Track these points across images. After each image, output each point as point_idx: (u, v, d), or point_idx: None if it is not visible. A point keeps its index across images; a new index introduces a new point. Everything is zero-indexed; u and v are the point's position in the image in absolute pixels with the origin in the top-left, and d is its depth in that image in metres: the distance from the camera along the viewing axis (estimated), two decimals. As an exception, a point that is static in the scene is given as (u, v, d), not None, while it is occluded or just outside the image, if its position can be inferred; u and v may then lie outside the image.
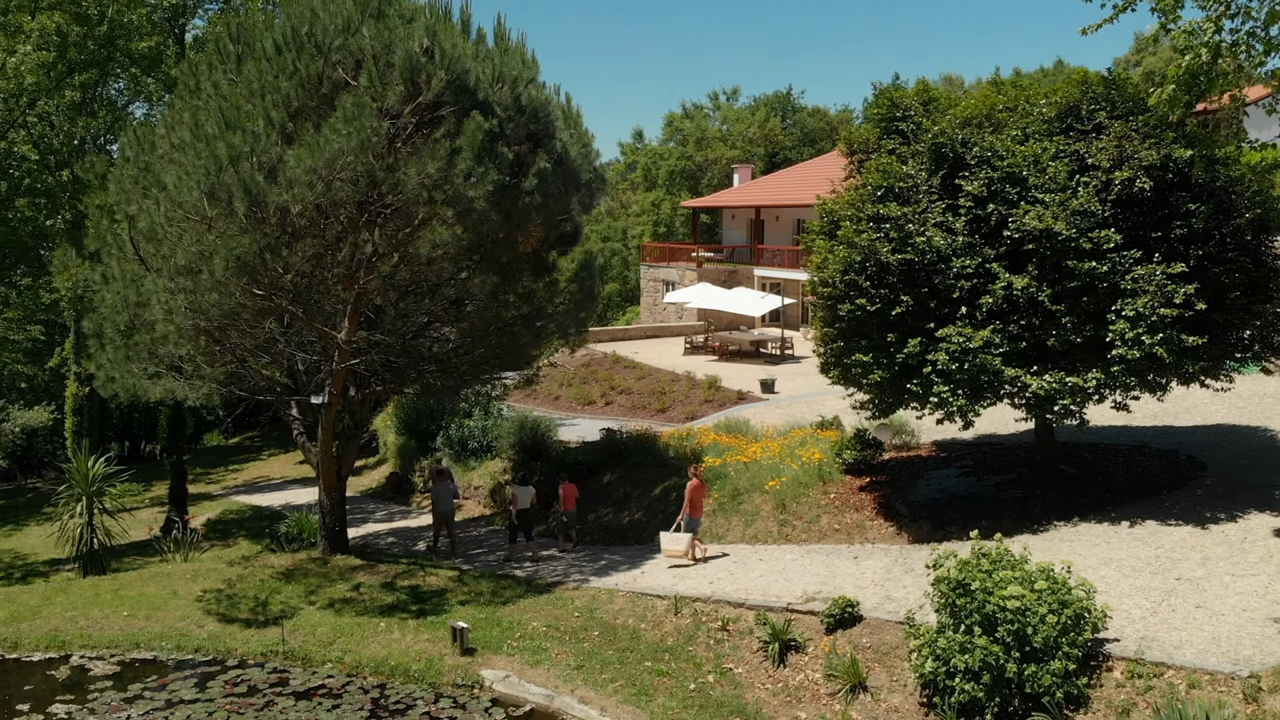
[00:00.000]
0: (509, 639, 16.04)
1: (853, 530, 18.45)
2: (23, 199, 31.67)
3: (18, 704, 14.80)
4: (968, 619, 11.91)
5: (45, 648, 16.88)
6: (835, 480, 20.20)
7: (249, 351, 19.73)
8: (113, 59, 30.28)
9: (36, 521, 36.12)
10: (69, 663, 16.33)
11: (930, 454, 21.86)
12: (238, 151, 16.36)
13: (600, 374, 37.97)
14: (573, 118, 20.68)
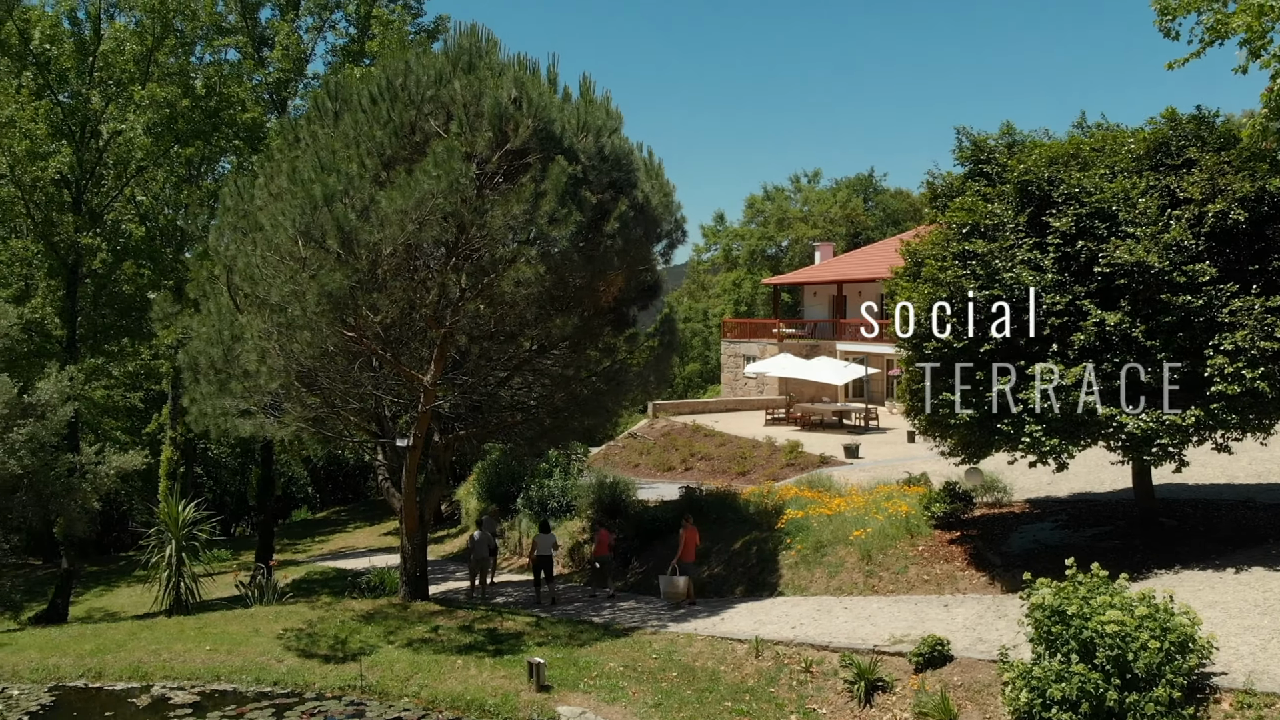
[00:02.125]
0: (585, 677, 15.73)
1: (942, 580, 17.86)
2: (129, 263, 33.12)
3: (100, 728, 14.96)
4: (1064, 646, 11.34)
5: (128, 678, 17.08)
6: (923, 534, 19.64)
7: (337, 395, 20.14)
8: (218, 130, 31.83)
9: (127, 584, 36.98)
10: (150, 692, 16.47)
11: (1023, 510, 21.17)
12: (332, 191, 16.96)
13: (679, 442, 37.83)
14: (654, 169, 21.02)
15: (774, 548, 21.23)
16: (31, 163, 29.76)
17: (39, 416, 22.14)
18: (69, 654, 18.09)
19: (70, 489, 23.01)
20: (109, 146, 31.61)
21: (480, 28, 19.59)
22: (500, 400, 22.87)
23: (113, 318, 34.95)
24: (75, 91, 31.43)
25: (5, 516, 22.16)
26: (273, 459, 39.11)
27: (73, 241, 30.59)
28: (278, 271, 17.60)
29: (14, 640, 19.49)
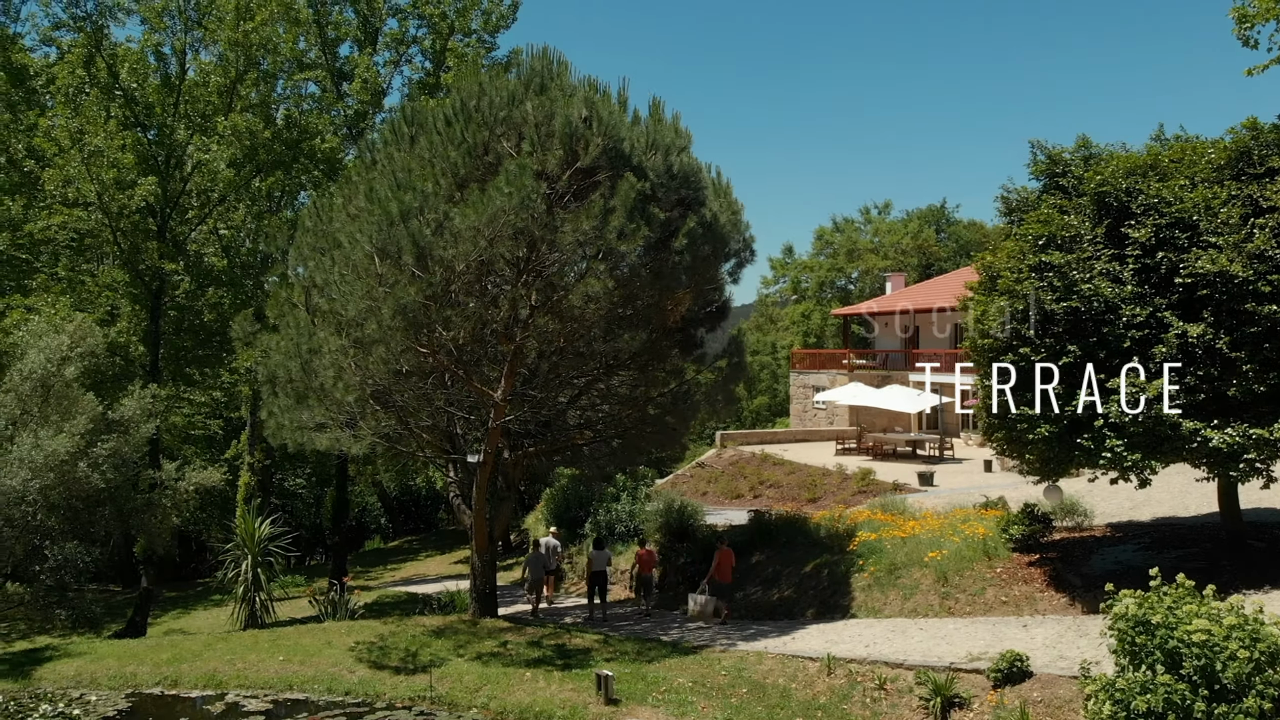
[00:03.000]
0: (654, 691, 15.58)
1: (1021, 602, 17.41)
2: (211, 290, 34.09)
3: (176, 732, 15.21)
4: (1149, 657, 10.92)
5: (203, 686, 17.39)
6: (1001, 556, 19.18)
7: (410, 411, 20.41)
8: (297, 161, 32.73)
9: (204, 607, 37.63)
10: (224, 700, 16.74)
11: (1104, 534, 20.55)
12: (408, 208, 17.32)
13: (748, 470, 37.52)
14: (722, 188, 21.09)
15: (846, 570, 20.89)
16: (119, 191, 30.91)
17: (122, 432, 22.80)
18: (146, 663, 18.47)
19: (151, 504, 23.59)
20: (192, 176, 32.70)
21: (552, 50, 19.91)
22: (568, 419, 23.00)
23: (193, 345, 35.95)
24: (161, 123, 32.62)
25: (88, 530, 22.78)
26: (347, 481, 39.71)
27: (156, 268, 31.62)
28: (354, 288, 17.95)
29: (93, 649, 19.96)
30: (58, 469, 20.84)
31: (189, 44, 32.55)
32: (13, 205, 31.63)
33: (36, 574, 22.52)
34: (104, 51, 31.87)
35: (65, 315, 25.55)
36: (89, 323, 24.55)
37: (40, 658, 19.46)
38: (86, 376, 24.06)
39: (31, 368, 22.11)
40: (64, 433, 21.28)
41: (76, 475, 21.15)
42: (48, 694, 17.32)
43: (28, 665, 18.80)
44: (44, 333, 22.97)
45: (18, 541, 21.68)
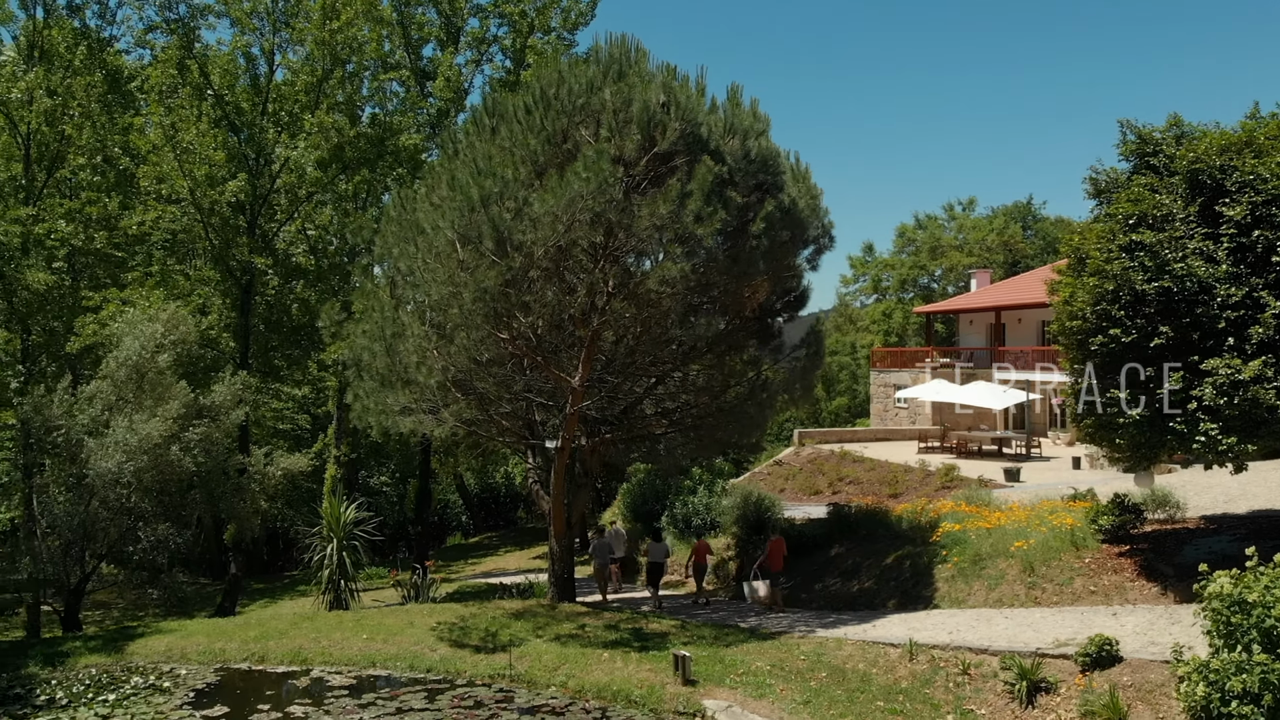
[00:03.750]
0: (731, 674, 15.50)
1: (1110, 591, 16.91)
2: (300, 284, 34.96)
3: (260, 705, 15.55)
4: (1244, 637, 10.53)
5: (289, 662, 17.81)
6: (1090, 547, 18.64)
7: (490, 397, 20.63)
8: (382, 158, 33.38)
9: (290, 597, 38.54)
10: (309, 675, 17.11)
11: (1197, 526, 19.87)
12: (488, 194, 17.53)
13: (826, 467, 37.14)
14: (801, 174, 20.90)
15: (929, 561, 20.53)
16: (210, 188, 31.88)
17: (213, 418, 23.49)
18: (234, 639, 18.97)
19: (240, 489, 24.26)
20: (281, 175, 33.59)
21: (630, 38, 19.88)
22: (645, 408, 23.02)
23: (280, 343, 36.86)
24: (250, 122, 33.57)
25: (179, 513, 23.50)
26: (429, 472, 40.34)
27: (246, 263, 32.53)
28: (436, 273, 18.23)
29: (184, 627, 20.57)
30: (151, 452, 21.55)
31: (276, 45, 33.48)
32: (110, 202, 32.85)
33: (130, 555, 23.29)
34: (195, 53, 32.94)
35: (159, 307, 26.42)
36: (182, 311, 25.36)
37: (133, 634, 20.11)
38: (179, 365, 24.83)
39: (127, 355, 22.91)
40: (157, 417, 22.00)
41: (169, 459, 21.83)
42: (139, 667, 17.88)
43: (121, 641, 19.45)
44: (139, 321, 23.78)
45: (112, 524, 22.47)
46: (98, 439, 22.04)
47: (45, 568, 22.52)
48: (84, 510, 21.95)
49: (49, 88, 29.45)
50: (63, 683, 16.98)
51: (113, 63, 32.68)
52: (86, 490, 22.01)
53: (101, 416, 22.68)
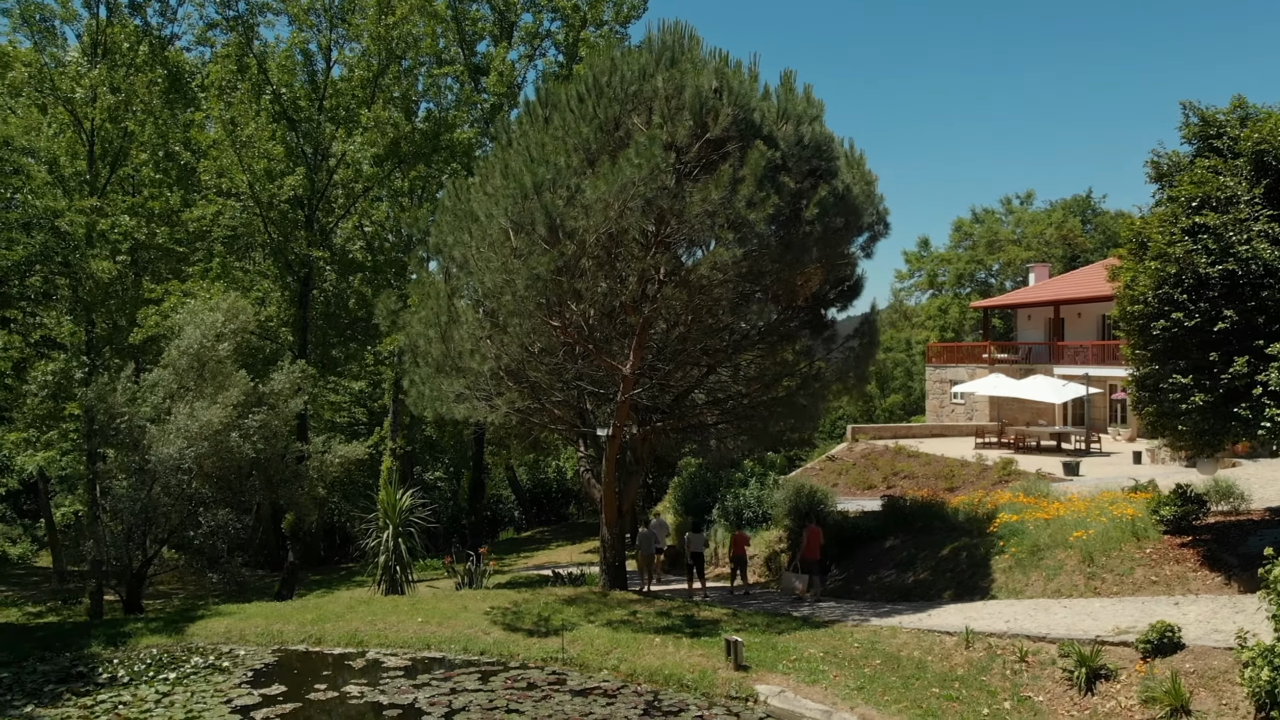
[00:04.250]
0: (784, 660, 15.41)
1: (1172, 581, 16.52)
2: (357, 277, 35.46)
3: (316, 684, 15.75)
4: (1315, 621, 10.24)
5: (345, 644, 18.04)
6: (1151, 537, 18.23)
7: (543, 388, 20.73)
8: (436, 152, 33.69)
9: (346, 587, 39.04)
10: (365, 656, 17.32)
11: (1262, 517, 19.32)
12: (541, 180, 17.60)
13: (881, 462, 36.74)
14: (855, 160, 20.69)
15: (985, 552, 20.23)
16: (269, 182, 32.43)
17: (272, 406, 23.87)
18: (292, 622, 19.25)
19: (298, 476, 24.63)
20: (338, 170, 34.06)
21: (683, 25, 19.84)
22: (696, 398, 22.96)
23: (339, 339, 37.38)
24: (307, 118, 34.09)
25: (239, 499, 23.94)
26: (483, 462, 40.64)
27: (305, 256, 33.04)
28: (490, 261, 18.35)
29: (242, 610, 20.91)
30: (211, 438, 21.95)
31: (333, 41, 33.94)
32: (171, 196, 33.54)
33: (190, 540, 23.75)
34: (254, 50, 33.55)
35: (220, 297, 26.91)
36: (242, 301, 25.80)
37: (193, 616, 20.49)
38: (239, 354, 25.28)
39: (188, 344, 23.36)
40: (217, 404, 22.41)
41: (229, 445, 22.23)
42: (199, 648, 18.22)
43: (181, 623, 19.83)
44: (200, 310, 24.24)
45: (174, 509, 22.94)
46: (159, 426, 22.50)
47: (108, 551, 23.04)
48: (146, 496, 22.43)
49: (112, 84, 30.11)
50: (124, 662, 17.35)
51: (174, 59, 33.37)
52: (148, 476, 22.48)
53: (163, 404, 23.16)
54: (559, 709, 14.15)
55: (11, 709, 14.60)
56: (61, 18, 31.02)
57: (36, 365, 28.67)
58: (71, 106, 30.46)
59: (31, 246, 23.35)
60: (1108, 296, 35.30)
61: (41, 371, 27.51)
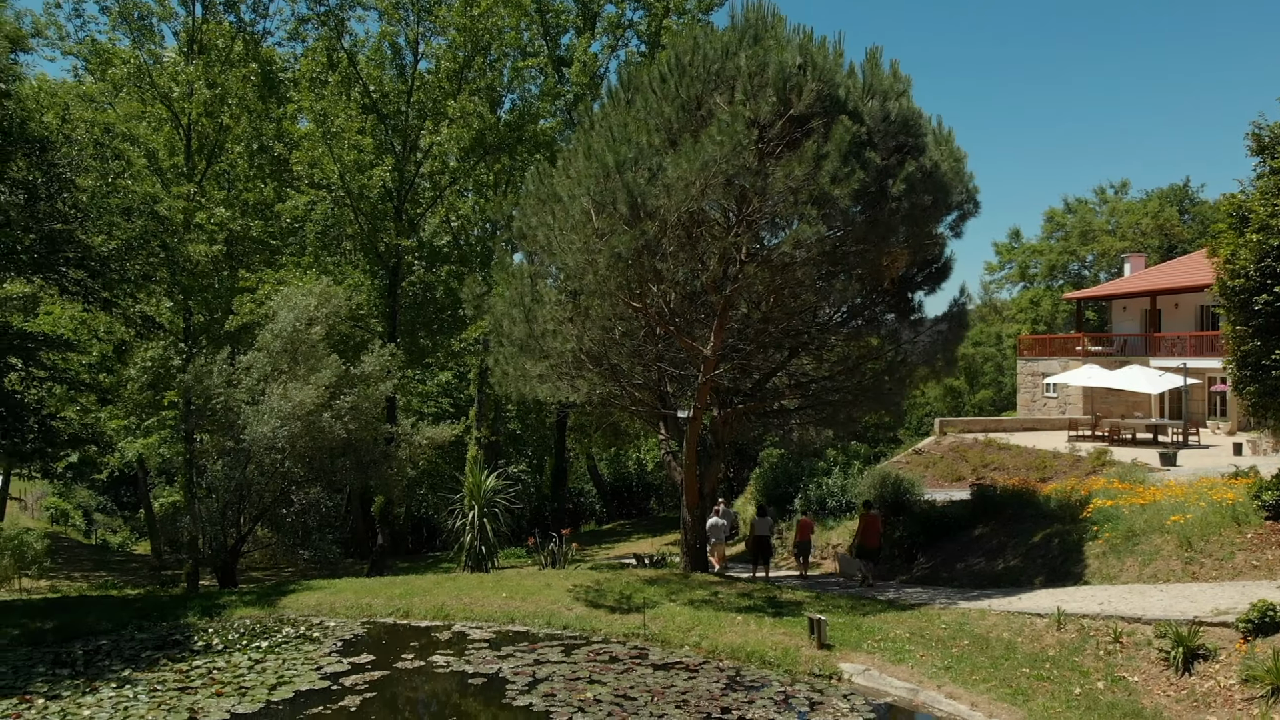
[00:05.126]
0: (868, 640, 15.23)
1: (1275, 566, 15.90)
2: (446, 268, 36.07)
3: (404, 654, 16.05)
4: None
5: (431, 617, 18.35)
6: (1252, 522, 17.54)
7: (624, 372, 20.79)
8: (520, 142, 34.07)
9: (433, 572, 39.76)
10: (450, 629, 17.60)
11: (1375, 504, 18.47)
12: (623, 159, 17.64)
13: (970, 455, 35.98)
14: (943, 137, 20.29)
15: (1078, 539, 19.72)
16: (359, 173, 33.15)
17: (362, 387, 24.36)
18: (380, 596, 19.64)
19: (387, 456, 25.12)
20: (425, 162, 34.67)
21: (766, 3, 19.73)
22: (779, 382, 22.80)
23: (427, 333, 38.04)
24: (396, 110, 34.75)
25: (330, 479, 24.49)
26: (565, 448, 40.98)
27: (394, 246, 33.71)
28: (572, 241, 18.46)
29: (333, 585, 21.37)
30: (304, 418, 22.50)
31: (420, 34, 34.53)
32: (265, 188, 34.49)
33: (283, 518, 24.38)
34: (344, 44, 34.38)
35: (312, 284, 27.58)
36: (334, 287, 26.40)
37: (284, 590, 21.03)
38: (331, 340, 25.87)
39: (281, 327, 23.99)
40: (310, 385, 22.96)
41: (320, 425, 22.75)
42: (290, 619, 18.68)
43: (273, 596, 20.36)
44: (293, 295, 24.89)
45: (267, 488, 23.56)
46: (254, 407, 23.15)
47: (204, 528, 23.78)
48: (240, 474, 23.10)
49: (208, 80, 31.06)
50: (219, 631, 17.87)
51: (266, 54, 34.32)
52: (243, 455, 23.15)
53: (257, 386, 23.82)
54: (641, 681, 14.18)
55: (110, 673, 15.15)
56: (159, 15, 32.08)
57: (137, 350, 29.71)
58: (169, 102, 31.49)
59: (132, 230, 24.22)
60: (1207, 286, 34.13)
61: (142, 356, 28.52)
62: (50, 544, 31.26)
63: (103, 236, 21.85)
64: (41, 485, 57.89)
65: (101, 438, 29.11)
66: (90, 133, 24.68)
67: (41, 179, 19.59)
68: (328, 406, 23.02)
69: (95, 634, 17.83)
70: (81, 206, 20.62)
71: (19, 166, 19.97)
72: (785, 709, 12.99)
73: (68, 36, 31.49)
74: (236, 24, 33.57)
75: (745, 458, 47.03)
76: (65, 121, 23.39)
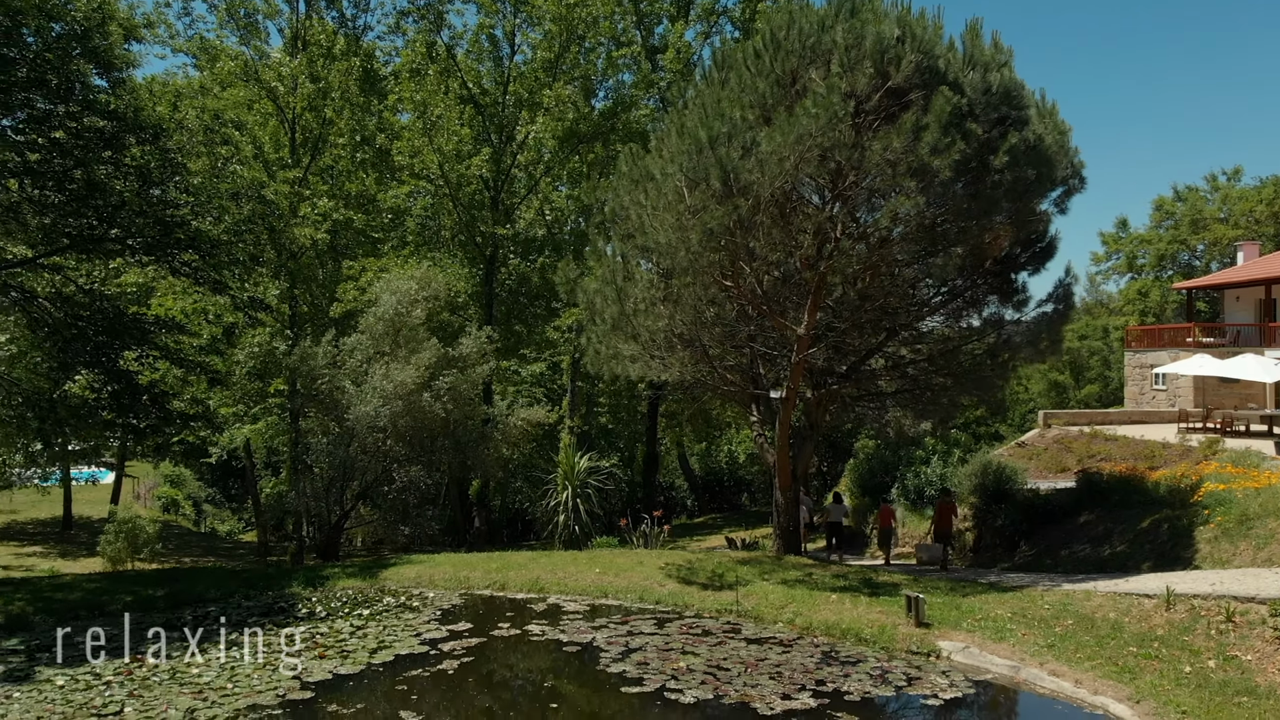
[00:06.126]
0: (968, 619, 14.91)
1: (1406, 551, 15.08)
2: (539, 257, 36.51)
3: (500, 623, 16.26)
4: None
5: (527, 590, 18.57)
6: (1380, 509, 16.73)
7: (714, 348, 20.72)
8: (614, 130, 34.27)
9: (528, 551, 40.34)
10: (545, 601, 17.78)
11: None
12: (716, 134, 17.59)
13: (1075, 446, 34.90)
14: (1047, 110, 19.72)
15: (1188, 523, 19.03)
16: (457, 162, 33.73)
17: (460, 369, 24.82)
18: (477, 569, 19.96)
19: (484, 437, 25.52)
20: (521, 151, 35.12)
21: (862, -23, 19.46)
22: (874, 364, 22.47)
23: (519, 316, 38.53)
24: (493, 100, 35.25)
25: (430, 457, 24.98)
26: (656, 435, 41.11)
27: (491, 234, 34.22)
28: (664, 218, 18.46)
29: (431, 559, 21.80)
30: (405, 398, 23.01)
31: (517, 25, 34.96)
32: (366, 179, 35.35)
33: (384, 495, 24.94)
34: (442, 36, 35.08)
35: (413, 268, 28.15)
36: (434, 270, 26.92)
37: (385, 564, 21.51)
38: (430, 324, 26.39)
39: (384, 310, 24.57)
40: (410, 365, 23.46)
41: (420, 404, 23.23)
42: (391, 590, 19.09)
43: (375, 569, 20.82)
44: (395, 278, 25.47)
45: (370, 466, 24.13)
46: (357, 387, 23.74)
47: (309, 504, 24.46)
48: (344, 452, 23.71)
49: (312, 74, 31.93)
50: (321, 600, 18.34)
51: (368, 49, 35.17)
52: (347, 434, 23.76)
53: (360, 367, 24.44)
54: (734, 653, 14.12)
55: (217, 635, 15.66)
56: (264, 13, 33.07)
57: (246, 334, 30.70)
58: (274, 97, 32.46)
59: (240, 214, 25.05)
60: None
61: (249, 342, 29.46)
62: (161, 529, 32.55)
63: (212, 220, 22.65)
64: (154, 475, 60.29)
65: (213, 417, 30.10)
66: (200, 119, 25.66)
67: (155, 164, 20.37)
68: (427, 387, 23.49)
69: (204, 601, 18.48)
70: (192, 190, 21.39)
71: (133, 155, 20.78)
72: (882, 683, 12.79)
73: (177, 35, 32.69)
74: (338, 19, 34.45)
75: (839, 451, 46.47)
76: (176, 109, 24.33)
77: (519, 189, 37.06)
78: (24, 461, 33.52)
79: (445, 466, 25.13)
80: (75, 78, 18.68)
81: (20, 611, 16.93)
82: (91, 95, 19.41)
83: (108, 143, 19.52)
